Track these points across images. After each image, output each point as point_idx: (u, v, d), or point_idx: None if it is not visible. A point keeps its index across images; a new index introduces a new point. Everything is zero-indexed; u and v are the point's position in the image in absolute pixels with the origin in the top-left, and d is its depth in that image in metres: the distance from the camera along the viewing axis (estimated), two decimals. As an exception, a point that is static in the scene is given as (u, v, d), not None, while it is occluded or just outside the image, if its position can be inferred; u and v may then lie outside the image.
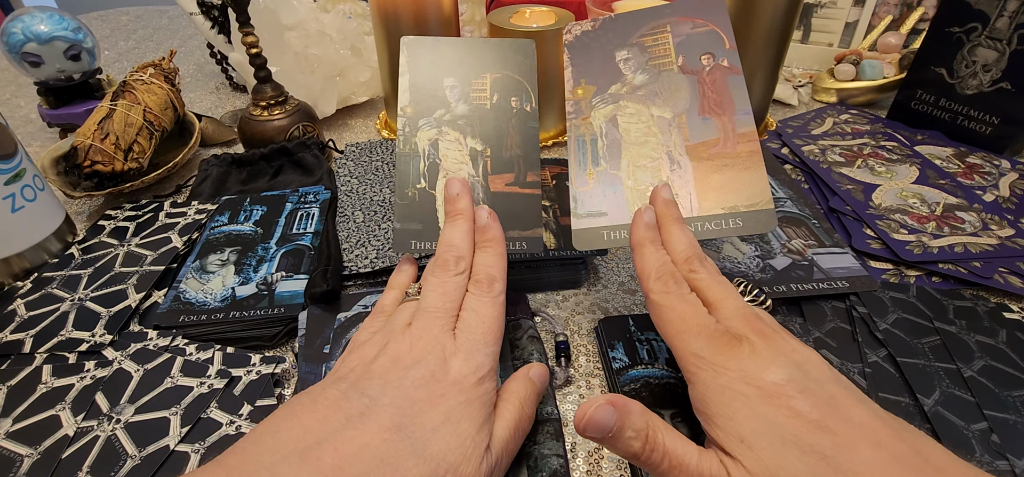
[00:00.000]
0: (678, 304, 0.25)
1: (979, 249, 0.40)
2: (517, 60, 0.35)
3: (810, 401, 0.20)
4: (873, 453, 0.19)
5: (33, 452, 0.28)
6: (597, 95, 0.35)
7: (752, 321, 0.24)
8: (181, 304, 0.36)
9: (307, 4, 0.62)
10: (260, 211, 0.45)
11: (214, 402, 0.30)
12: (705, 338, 0.23)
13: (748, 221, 0.31)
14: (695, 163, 0.32)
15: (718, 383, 0.22)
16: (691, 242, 0.28)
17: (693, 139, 0.33)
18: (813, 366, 0.22)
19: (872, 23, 0.72)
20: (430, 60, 0.35)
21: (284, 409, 0.22)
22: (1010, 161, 0.52)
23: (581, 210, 0.33)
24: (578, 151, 0.34)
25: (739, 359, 0.22)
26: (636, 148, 0.33)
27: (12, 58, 0.55)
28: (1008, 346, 0.33)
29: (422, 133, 0.33)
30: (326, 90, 0.63)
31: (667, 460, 0.22)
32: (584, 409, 0.22)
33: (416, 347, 0.24)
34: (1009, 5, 0.49)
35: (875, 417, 0.20)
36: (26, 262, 0.40)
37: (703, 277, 0.27)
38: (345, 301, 0.37)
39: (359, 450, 0.20)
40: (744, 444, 0.21)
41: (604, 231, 0.32)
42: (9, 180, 0.38)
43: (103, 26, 1.05)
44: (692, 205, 0.32)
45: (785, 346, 0.23)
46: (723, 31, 0.34)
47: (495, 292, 0.27)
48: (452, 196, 0.31)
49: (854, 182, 0.49)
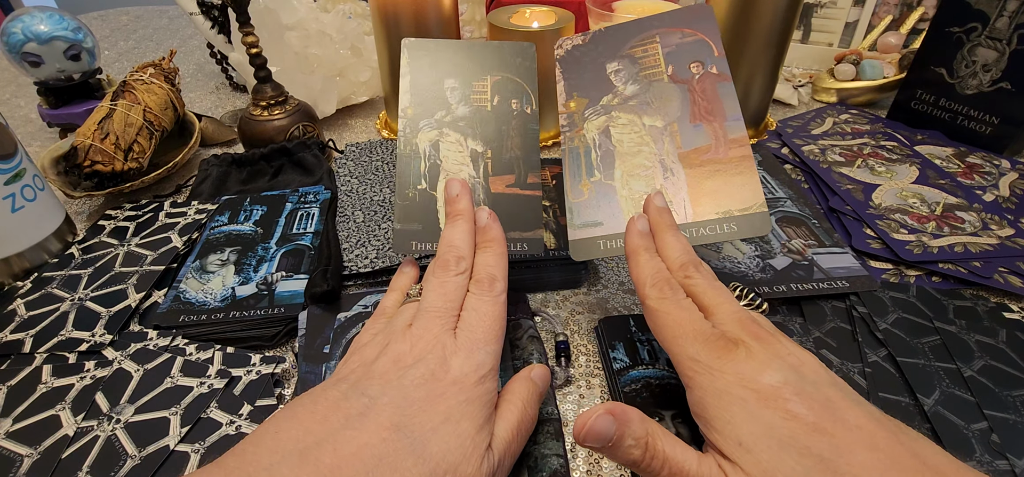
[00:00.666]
0: (674, 310, 0.25)
1: (979, 249, 0.40)
2: (517, 62, 0.35)
3: (807, 404, 0.20)
4: (870, 456, 0.19)
5: (33, 452, 0.28)
6: (589, 107, 0.35)
7: (748, 325, 0.24)
8: (181, 304, 0.36)
9: (307, 4, 0.62)
10: (260, 211, 0.45)
11: (214, 402, 0.30)
12: (701, 343, 0.24)
13: (743, 225, 0.31)
14: (688, 170, 0.32)
15: (715, 387, 0.22)
16: (686, 248, 0.29)
17: (685, 146, 0.33)
18: (809, 369, 0.22)
19: (872, 23, 0.72)
20: (431, 62, 0.35)
21: (284, 411, 0.22)
22: (1010, 161, 0.52)
23: (577, 221, 0.33)
24: (572, 163, 0.35)
25: (735, 363, 0.22)
26: (629, 158, 0.34)
27: (12, 58, 0.55)
28: (1008, 346, 0.33)
29: (423, 134, 0.34)
30: (326, 90, 0.63)
31: (667, 467, 0.22)
32: (584, 419, 0.22)
33: (417, 347, 0.24)
34: (1009, 5, 0.49)
35: (872, 419, 0.20)
36: (26, 262, 0.40)
37: (698, 282, 0.27)
38: (345, 301, 0.37)
39: (358, 450, 0.20)
40: (742, 448, 0.21)
41: (601, 241, 0.33)
42: (9, 180, 0.38)
43: (103, 26, 1.05)
44: (686, 212, 0.32)
45: (781, 349, 0.23)
46: (711, 39, 0.34)
47: (496, 291, 0.27)
48: (452, 197, 0.31)
49: (854, 182, 0.49)
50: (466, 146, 0.33)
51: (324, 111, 0.64)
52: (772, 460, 0.20)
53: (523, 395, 0.26)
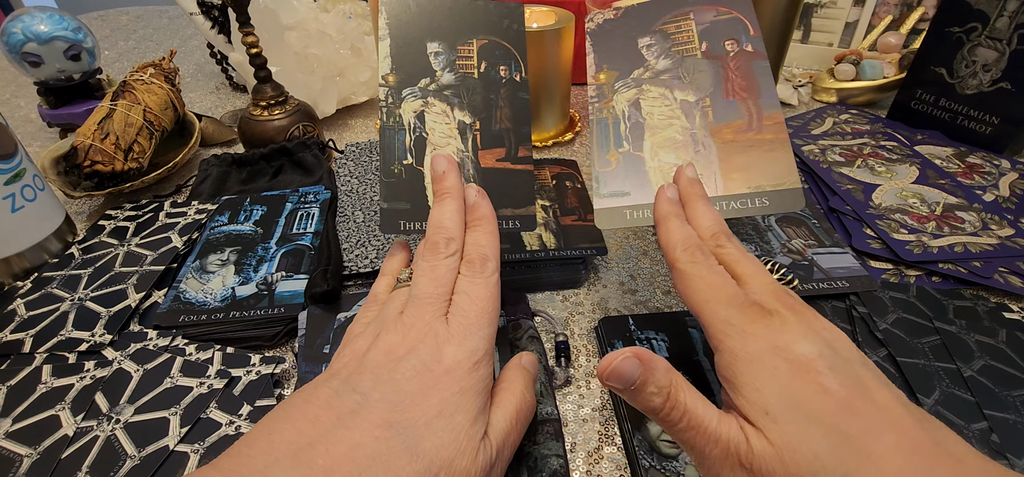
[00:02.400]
0: (706, 274, 0.25)
1: (979, 249, 0.40)
2: (504, 25, 0.33)
3: (839, 379, 0.20)
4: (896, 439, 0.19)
5: (33, 452, 0.28)
6: (619, 79, 0.35)
7: (782, 296, 0.24)
8: (181, 304, 0.36)
9: (307, 4, 0.62)
10: (260, 211, 0.45)
11: (214, 402, 0.30)
12: (735, 307, 0.23)
13: (775, 200, 0.31)
14: (720, 144, 0.32)
15: (747, 351, 0.22)
16: (717, 218, 0.28)
17: (717, 121, 0.33)
18: (842, 345, 0.22)
19: (872, 23, 0.72)
20: (411, 21, 0.32)
21: (278, 410, 0.22)
22: (1010, 161, 0.52)
23: (603, 190, 0.33)
24: (600, 133, 0.34)
25: (770, 329, 0.22)
26: (660, 131, 0.33)
27: (12, 58, 0.55)
28: (1008, 346, 0.33)
29: (407, 104, 0.32)
30: (326, 90, 0.63)
31: (686, 419, 0.22)
32: (609, 360, 0.22)
33: (409, 337, 0.23)
34: (1009, 5, 0.49)
35: (899, 403, 0.20)
36: (26, 262, 0.40)
37: (731, 251, 0.26)
38: (345, 301, 0.37)
39: (350, 450, 0.19)
40: (769, 417, 0.20)
41: (627, 210, 0.32)
42: (9, 180, 0.38)
43: (103, 26, 1.05)
44: (717, 185, 0.32)
45: (816, 323, 0.23)
46: (747, 18, 0.34)
47: (488, 272, 0.26)
48: (439, 174, 0.29)
49: (854, 182, 0.49)
50: (453, 117, 0.32)
51: (324, 111, 0.64)
52: (797, 433, 0.19)
53: (519, 382, 0.26)
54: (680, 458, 0.27)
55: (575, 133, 0.61)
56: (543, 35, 0.51)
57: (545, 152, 0.58)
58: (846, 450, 0.19)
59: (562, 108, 0.60)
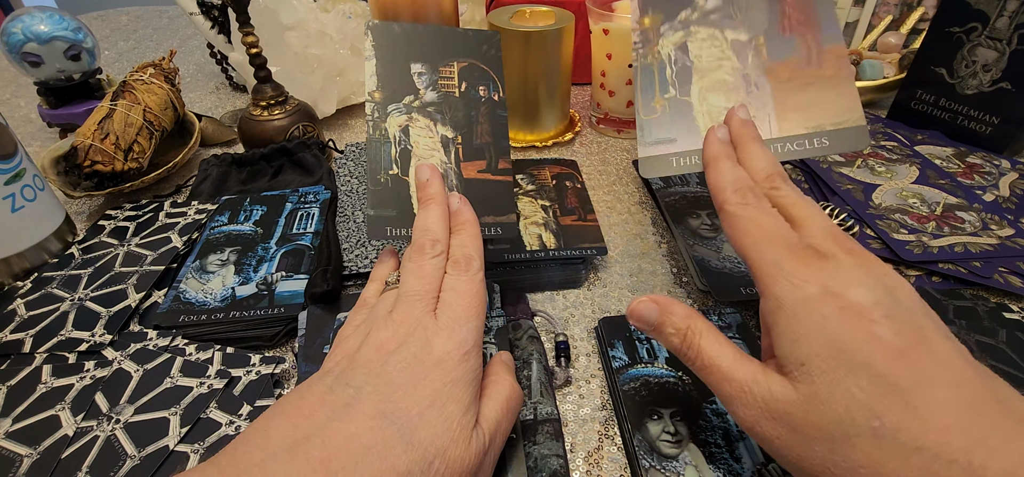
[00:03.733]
0: (758, 215, 0.24)
1: (979, 249, 0.40)
2: (482, 50, 0.35)
3: (895, 328, 0.19)
4: (951, 393, 0.18)
5: (33, 452, 0.28)
6: (665, 22, 0.34)
7: (841, 239, 0.23)
8: (181, 304, 0.36)
9: (307, 4, 0.62)
10: (260, 211, 0.45)
11: (214, 402, 0.30)
12: (787, 250, 0.23)
13: (836, 140, 0.29)
14: (775, 84, 0.31)
15: (794, 297, 0.21)
16: (772, 160, 0.27)
17: (772, 59, 0.31)
18: (904, 293, 0.21)
19: (872, 23, 0.72)
20: (396, 46, 0.34)
21: (273, 408, 0.22)
22: (1010, 161, 0.52)
23: (648, 138, 0.32)
24: (644, 80, 0.33)
25: (823, 273, 0.21)
26: (709, 73, 0.32)
27: (12, 58, 0.55)
28: (1008, 346, 0.33)
29: (392, 119, 0.33)
30: (326, 90, 0.63)
31: (701, 358, 0.24)
32: (635, 303, 0.25)
33: (399, 332, 0.24)
34: (1009, 5, 0.49)
35: (961, 357, 0.19)
36: (26, 262, 0.40)
37: (787, 193, 0.26)
38: (345, 301, 0.37)
39: (346, 441, 0.20)
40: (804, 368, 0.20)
41: (673, 157, 0.32)
42: (9, 180, 0.38)
43: (103, 26, 1.05)
44: (771, 127, 0.30)
45: (877, 268, 0.22)
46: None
47: (473, 270, 0.26)
48: (422, 181, 0.30)
49: (854, 182, 0.49)
50: (436, 132, 0.33)
51: (324, 111, 0.64)
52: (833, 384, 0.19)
53: (505, 374, 0.26)
54: (680, 458, 0.27)
55: (575, 133, 0.61)
56: (543, 35, 0.51)
57: (545, 152, 0.58)
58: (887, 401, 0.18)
59: (562, 108, 0.60)
